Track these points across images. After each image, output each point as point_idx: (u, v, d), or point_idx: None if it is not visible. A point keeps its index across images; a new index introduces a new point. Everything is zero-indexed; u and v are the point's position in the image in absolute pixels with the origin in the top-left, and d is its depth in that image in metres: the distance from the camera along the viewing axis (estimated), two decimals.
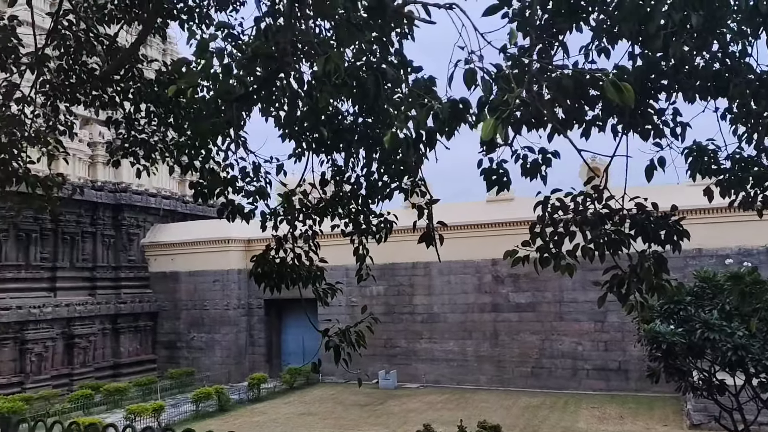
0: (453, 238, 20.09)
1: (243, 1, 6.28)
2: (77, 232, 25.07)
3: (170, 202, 28.96)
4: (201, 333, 26.38)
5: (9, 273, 22.39)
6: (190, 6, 5.90)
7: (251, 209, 4.63)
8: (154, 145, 5.09)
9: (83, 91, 5.00)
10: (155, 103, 4.77)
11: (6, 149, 4.61)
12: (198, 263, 26.80)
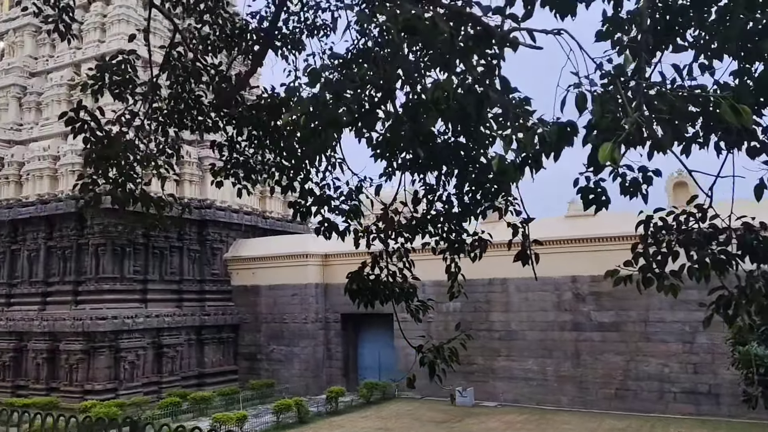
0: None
1: (333, 27, 6.54)
2: (166, 246, 26.37)
3: (251, 218, 30.01)
4: (280, 346, 27.03)
5: (106, 285, 23.83)
6: (284, 33, 6.21)
7: (346, 227, 4.78)
8: (254, 166, 5.38)
9: (190, 117, 5.37)
10: (256, 127, 5.05)
11: (124, 172, 4.99)
12: (277, 277, 27.55)
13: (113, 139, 4.74)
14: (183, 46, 5.48)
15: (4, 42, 29.68)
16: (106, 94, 5.38)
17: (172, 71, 5.36)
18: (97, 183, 4.89)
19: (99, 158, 4.73)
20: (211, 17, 5.91)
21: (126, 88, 5.19)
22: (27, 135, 27.63)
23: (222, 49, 5.78)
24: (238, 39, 5.85)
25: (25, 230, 25.76)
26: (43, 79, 28.40)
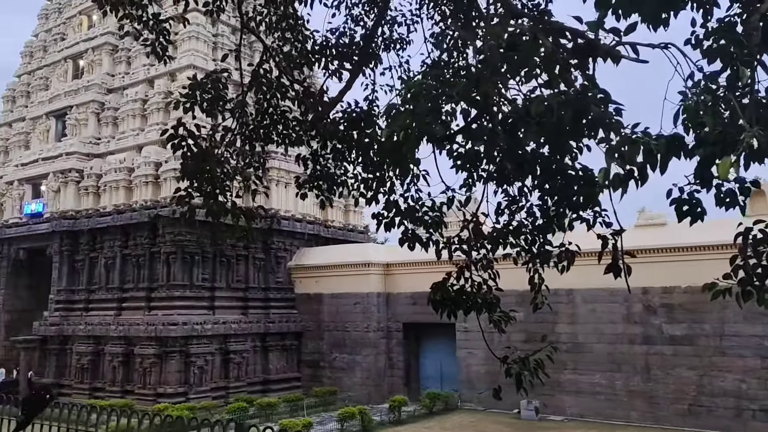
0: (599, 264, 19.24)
1: (409, 41, 6.64)
2: (233, 255, 27.14)
3: (314, 227, 30.53)
4: (342, 354, 27.30)
5: (176, 292, 24.73)
6: (362, 48, 6.36)
7: (428, 237, 4.85)
8: (337, 178, 5.53)
9: (276, 131, 5.57)
10: (340, 140, 5.20)
11: (218, 185, 5.23)
12: (340, 286, 27.87)
13: (208, 154, 4.98)
14: (268, 63, 5.69)
15: (83, 60, 31.37)
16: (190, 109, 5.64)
17: (259, 88, 5.59)
18: (192, 195, 5.14)
19: (194, 172, 4.97)
20: (292, 35, 6.12)
21: (216, 105, 5.44)
22: (104, 148, 29.05)
23: (303, 65, 5.98)
24: (319, 55, 6.05)
25: (102, 239, 27.05)
26: (119, 95, 29.83)
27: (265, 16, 6.07)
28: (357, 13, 6.60)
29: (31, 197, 29.69)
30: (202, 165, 4.88)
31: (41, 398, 4.56)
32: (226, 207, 5.15)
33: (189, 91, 5.39)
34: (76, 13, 32.97)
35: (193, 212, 4.98)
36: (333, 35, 6.33)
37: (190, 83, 5.43)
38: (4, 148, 33.72)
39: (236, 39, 31.11)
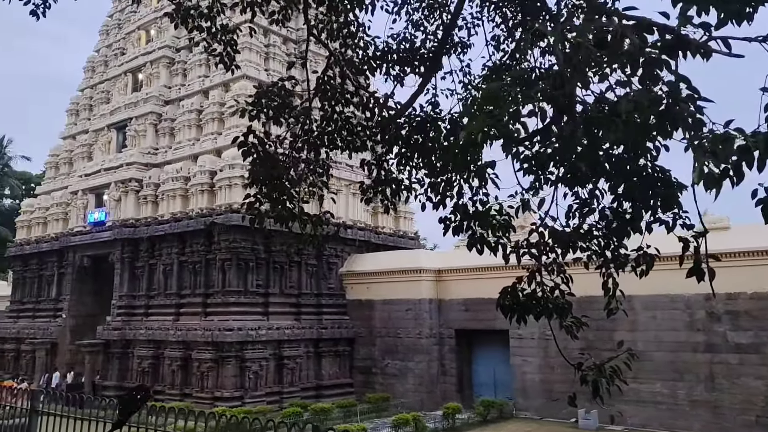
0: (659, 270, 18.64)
1: (470, 44, 6.61)
2: (285, 261, 27.52)
3: (364, 234, 30.66)
4: (395, 360, 27.27)
5: (232, 298, 25.23)
6: (421, 53, 6.36)
7: (496, 241, 4.79)
8: (401, 183, 5.54)
9: (340, 137, 5.63)
10: (405, 145, 5.20)
11: (286, 191, 5.31)
12: (391, 292, 27.89)
13: (275, 161, 5.07)
14: (332, 70, 5.76)
15: (142, 74, 32.49)
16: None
17: (323, 94, 5.65)
18: (261, 201, 5.23)
19: (264, 178, 5.06)
20: (353, 41, 6.17)
21: (282, 113, 5.53)
22: (162, 158, 29.97)
23: (365, 72, 6.02)
24: (380, 61, 6.08)
25: (161, 246, 27.86)
26: (175, 106, 30.74)
27: (327, 24, 6.14)
28: (417, 18, 6.61)
29: (94, 206, 30.85)
30: (272, 171, 4.95)
31: (137, 398, 4.70)
32: (294, 213, 5.20)
33: (255, 99, 5.48)
34: (135, 29, 34.20)
35: (262, 218, 5.07)
36: (394, 41, 6.35)
37: (256, 92, 5.55)
38: (68, 160, 35.21)
39: (287, 49, 31.69)
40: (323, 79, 5.63)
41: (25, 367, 31.39)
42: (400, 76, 6.12)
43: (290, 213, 5.33)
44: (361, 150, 5.71)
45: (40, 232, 34.11)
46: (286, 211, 5.26)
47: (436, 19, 6.64)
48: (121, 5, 37.70)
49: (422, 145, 5.07)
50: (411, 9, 6.65)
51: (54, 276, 32.23)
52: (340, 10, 6.01)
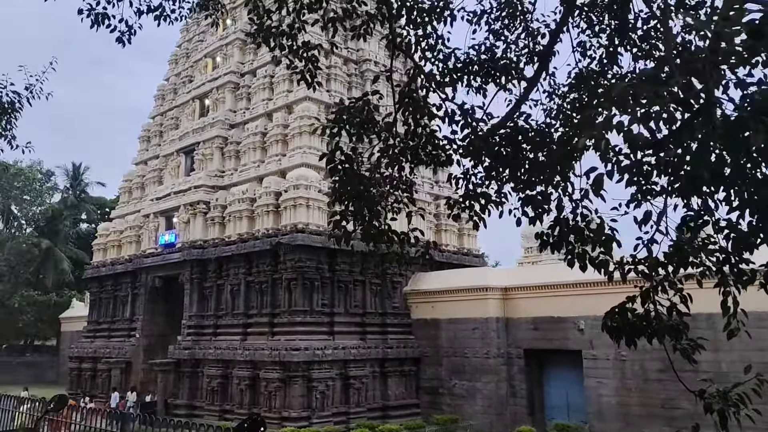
0: None
1: (554, 52, 6.33)
2: (350, 280, 27.51)
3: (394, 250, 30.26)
4: (462, 380, 26.69)
5: (298, 317, 25.36)
6: (503, 63, 6.13)
7: (600, 258, 4.47)
8: (490, 197, 5.30)
9: (425, 151, 5.45)
10: (495, 158, 4.98)
11: (372, 209, 5.16)
12: (457, 311, 27.41)
13: (361, 178, 4.93)
14: (415, 83, 5.61)
15: (209, 99, 33.52)
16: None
17: (406, 108, 5.51)
18: (347, 219, 5.10)
19: (350, 196, 4.93)
20: (432, 54, 6.02)
21: (364, 128, 5.41)
22: (228, 180, 30.69)
23: (447, 84, 5.85)
24: (461, 73, 5.89)
25: (228, 267, 28.39)
26: (240, 130, 31.51)
27: (405, 37, 6.01)
28: (497, 27, 6.40)
29: (165, 228, 31.84)
30: (359, 188, 4.81)
31: (255, 427, 4.61)
32: (382, 231, 5.04)
33: (336, 116, 5.38)
34: (201, 57, 35.42)
35: (349, 237, 4.92)
36: (475, 52, 6.15)
37: (337, 109, 5.44)
38: (140, 184, 36.59)
39: (348, 70, 32.02)
40: (406, 93, 5.48)
41: (101, 386, 32.46)
42: (482, 88, 5.91)
43: (378, 231, 5.16)
44: (446, 164, 5.51)
45: (115, 255, 35.45)
46: (373, 229, 5.10)
47: (516, 27, 6.42)
48: (189, 35, 39.19)
49: (512, 157, 4.83)
50: (491, 19, 6.46)
51: (128, 297, 33.36)
52: (419, 23, 5.86)
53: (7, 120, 8.12)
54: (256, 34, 5.78)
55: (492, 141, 4.93)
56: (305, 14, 5.84)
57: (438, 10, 5.84)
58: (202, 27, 37.48)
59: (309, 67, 5.93)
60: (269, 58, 32.04)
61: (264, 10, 5.82)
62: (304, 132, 28.31)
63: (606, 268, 4.54)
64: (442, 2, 5.91)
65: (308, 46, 5.87)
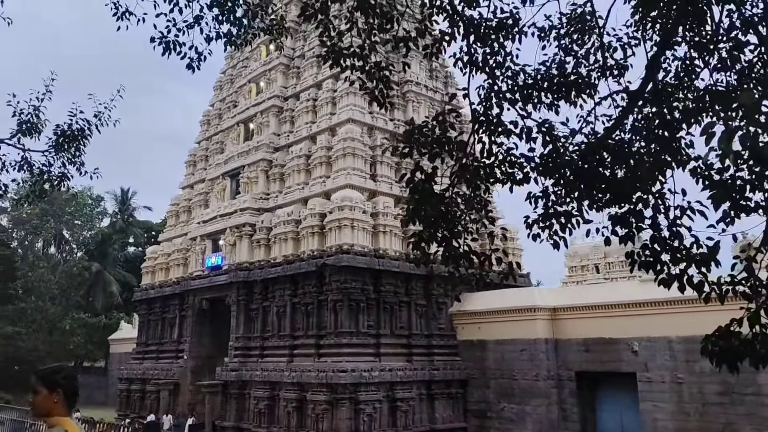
0: None
1: (627, 66, 6.18)
2: (395, 301, 27.35)
3: (474, 272, 29.93)
4: (511, 404, 26.11)
5: (344, 339, 25.27)
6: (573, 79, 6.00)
7: (700, 279, 4.26)
8: (571, 216, 5.15)
9: (501, 170, 5.35)
10: (577, 175, 4.84)
11: (453, 229, 5.06)
12: (504, 332, 26.94)
13: (440, 198, 4.85)
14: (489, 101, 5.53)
15: (253, 123, 34.12)
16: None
17: (480, 126, 5.42)
18: (425, 239, 5.01)
19: (428, 216, 4.85)
20: (500, 71, 5.93)
21: (437, 147, 5.33)
22: (273, 203, 31.03)
23: (518, 102, 5.74)
24: (531, 89, 5.78)
25: (274, 288, 28.57)
26: (284, 153, 31.91)
27: (473, 54, 5.93)
28: (566, 43, 6.28)
29: (211, 251, 32.32)
30: (438, 209, 4.72)
31: None
32: (462, 252, 4.92)
33: (408, 136, 5.33)
34: (246, 82, 36.17)
35: (428, 257, 4.82)
36: (544, 68, 6.04)
37: (406, 130, 5.39)
38: (187, 208, 37.32)
39: (388, 91, 32.14)
40: (477, 111, 5.40)
41: (150, 407, 32.86)
42: (554, 104, 5.78)
43: (458, 253, 5.05)
44: (523, 183, 5.39)
45: (163, 277, 36.10)
46: (453, 251, 4.99)
47: (585, 42, 6.28)
48: (233, 62, 40.14)
49: (594, 174, 4.67)
50: (560, 34, 6.35)
51: (175, 318, 33.85)
52: (487, 40, 5.79)
53: (76, 147, 8.37)
54: (327, 55, 5.79)
55: (574, 158, 4.79)
56: (376, 34, 5.84)
57: (507, 27, 5.76)
58: (246, 53, 38.34)
59: (381, 87, 5.91)
60: (311, 81, 32.52)
61: (335, 32, 5.83)
62: (348, 154, 28.50)
63: (701, 288, 4.32)
64: (511, 19, 5.82)
65: (380, 66, 5.85)
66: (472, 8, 5.62)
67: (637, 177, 4.34)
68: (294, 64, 34.55)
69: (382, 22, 5.69)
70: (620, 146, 4.87)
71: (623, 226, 4.41)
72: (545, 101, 5.76)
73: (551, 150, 5.03)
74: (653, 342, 23.40)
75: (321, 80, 32.13)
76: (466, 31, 5.75)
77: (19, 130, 8.26)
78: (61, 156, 8.37)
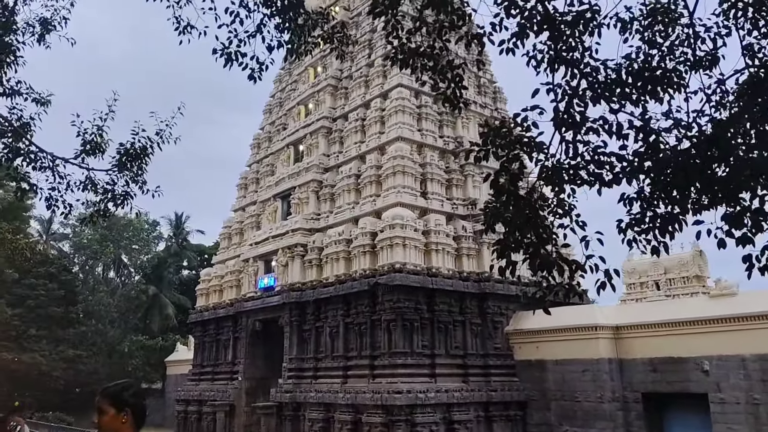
0: None
1: (718, 57, 5.70)
2: (449, 321, 26.78)
3: (529, 290, 29.06)
4: (574, 426, 25.05)
5: (398, 359, 24.81)
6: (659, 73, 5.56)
7: None
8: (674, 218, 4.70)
9: (587, 170, 4.95)
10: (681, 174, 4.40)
11: (542, 235, 4.69)
12: (564, 351, 25.98)
13: (526, 201, 4.49)
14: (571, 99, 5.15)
15: (303, 145, 34.38)
16: None
17: (562, 124, 5.05)
18: (510, 246, 4.65)
19: (513, 221, 4.49)
20: (577, 69, 5.54)
21: (514, 149, 4.98)
22: (324, 223, 31.02)
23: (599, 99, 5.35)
24: (614, 86, 5.36)
25: (326, 309, 28.40)
26: (334, 173, 31.96)
27: (547, 52, 5.58)
28: (649, 35, 5.85)
29: (263, 272, 32.47)
30: (524, 213, 4.36)
31: None
32: (552, 258, 4.53)
33: (481, 139, 4.99)
34: (295, 104, 36.60)
35: (514, 267, 4.45)
36: (627, 62, 5.62)
37: (483, 131, 5.06)
38: (239, 230, 37.76)
39: (438, 108, 31.93)
40: (558, 108, 5.03)
41: (206, 428, 33.00)
42: (640, 100, 5.35)
43: (548, 259, 4.65)
44: (613, 184, 4.96)
45: (217, 299, 36.47)
46: (542, 257, 4.60)
47: (670, 34, 5.84)
48: (281, 85, 40.75)
49: (700, 171, 4.22)
50: (642, 26, 5.93)
51: (230, 340, 34.05)
52: (563, 37, 5.43)
53: (138, 165, 8.37)
54: (394, 56, 5.54)
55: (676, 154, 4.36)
56: (447, 32, 5.56)
57: (585, 20, 5.39)
58: (294, 77, 38.90)
59: (454, 88, 5.61)
60: (360, 101, 32.58)
61: (403, 32, 5.57)
62: (398, 172, 28.29)
63: None
64: (589, 13, 5.45)
65: (452, 65, 5.55)
66: (548, 1, 5.28)
67: (755, 172, 3.86)
68: (342, 85, 34.76)
69: (453, 18, 5.42)
70: (726, 141, 4.40)
71: (738, 227, 3.95)
72: (631, 97, 5.33)
73: (647, 147, 4.61)
74: (725, 361, 22.13)
75: (369, 100, 32.18)
76: (540, 26, 5.40)
77: (83, 149, 8.35)
78: (124, 175, 8.40)
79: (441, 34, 5.49)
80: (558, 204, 4.85)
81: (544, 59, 5.64)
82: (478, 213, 29.37)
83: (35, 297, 45.62)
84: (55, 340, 46.32)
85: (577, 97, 5.11)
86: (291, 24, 6.41)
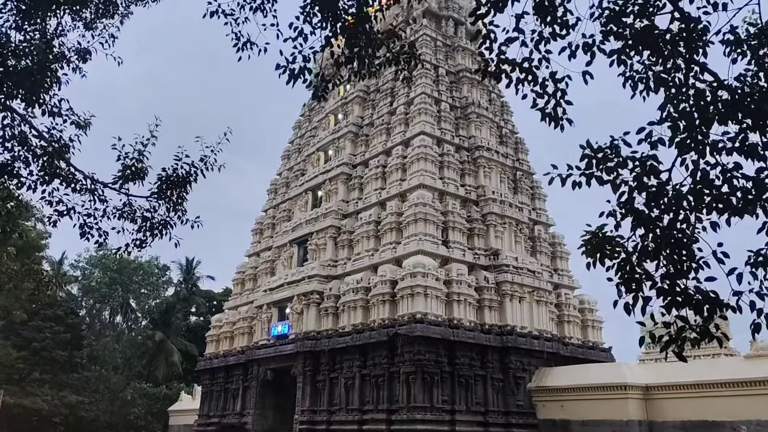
0: None
1: None
2: (470, 375, 25.70)
3: (552, 345, 28.13)
4: None
5: (418, 415, 23.65)
6: None
7: None
8: None
9: (712, 195, 4.37)
10: None
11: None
12: (590, 411, 24.72)
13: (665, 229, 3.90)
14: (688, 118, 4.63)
15: (321, 191, 34.06)
16: None
17: (681, 144, 4.51)
18: (640, 278, 4.02)
19: (654, 249, 3.89)
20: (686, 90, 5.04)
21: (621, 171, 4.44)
22: (341, 270, 30.33)
23: (713, 121, 4.82)
24: (731, 108, 4.84)
25: (342, 359, 27.39)
26: (353, 219, 31.48)
27: (644, 72, 5.09)
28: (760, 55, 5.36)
29: (277, 319, 31.61)
30: (667, 239, 3.75)
31: None
32: (690, 293, 3.89)
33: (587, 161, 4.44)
34: (314, 150, 36.50)
35: (646, 302, 3.82)
36: (740, 83, 5.09)
37: (584, 154, 4.52)
38: (253, 276, 37.06)
39: (460, 157, 31.68)
40: (682, 127, 4.50)
41: None
42: (759, 125, 4.82)
43: (685, 294, 4.02)
44: (741, 213, 4.37)
45: (227, 346, 35.45)
46: (678, 292, 3.96)
47: None
48: (301, 132, 40.87)
49: None
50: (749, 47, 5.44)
51: (239, 389, 32.87)
52: (667, 55, 4.96)
53: (179, 193, 7.87)
54: (485, 70, 5.07)
55: None
56: (549, 42, 5.11)
57: (693, 38, 4.92)
58: (314, 123, 39.01)
59: (555, 103, 5.11)
60: (381, 148, 32.40)
61: (497, 43, 5.12)
62: (420, 219, 27.79)
63: None
64: (696, 32, 4.98)
65: (554, 78, 5.07)
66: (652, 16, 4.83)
67: None
68: (362, 132, 34.69)
69: (554, 28, 4.98)
70: None
71: None
72: (746, 121, 4.80)
73: None
74: (764, 426, 20.93)
75: (390, 147, 32.01)
76: (638, 41, 4.93)
77: (122, 174, 7.87)
78: (164, 202, 7.89)
79: (539, 45, 5.04)
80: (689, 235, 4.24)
81: (642, 80, 5.14)
82: (500, 264, 28.66)
83: (41, 339, 44.70)
84: (58, 385, 45.09)
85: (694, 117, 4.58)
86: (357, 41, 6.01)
